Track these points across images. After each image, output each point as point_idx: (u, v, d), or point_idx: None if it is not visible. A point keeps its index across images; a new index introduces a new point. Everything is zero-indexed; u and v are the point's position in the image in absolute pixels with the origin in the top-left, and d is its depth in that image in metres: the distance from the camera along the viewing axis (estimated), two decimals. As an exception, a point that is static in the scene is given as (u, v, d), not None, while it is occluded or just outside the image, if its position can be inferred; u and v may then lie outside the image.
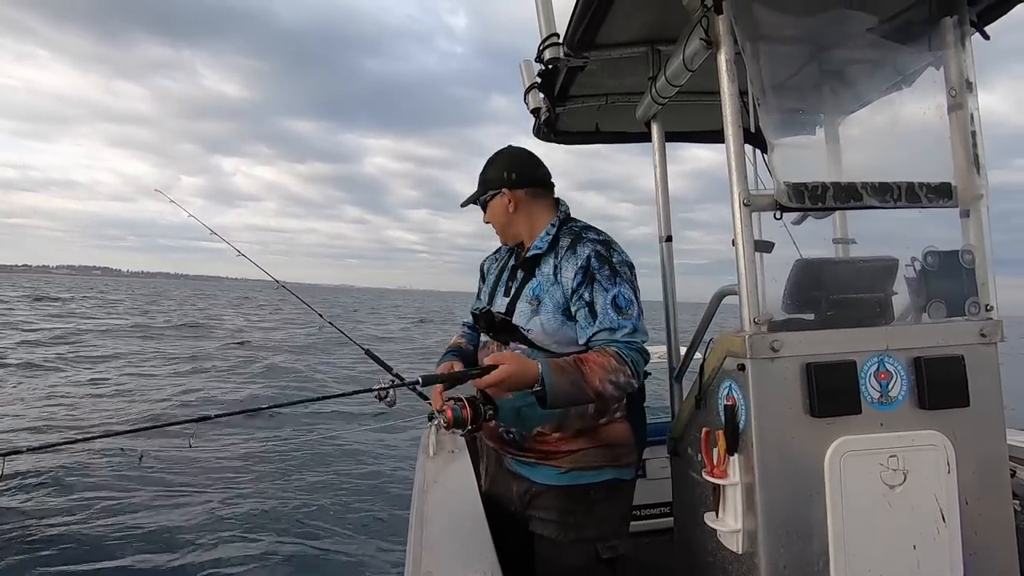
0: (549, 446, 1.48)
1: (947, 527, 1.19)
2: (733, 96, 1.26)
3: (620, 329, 1.39)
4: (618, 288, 1.42)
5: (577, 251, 1.48)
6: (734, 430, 1.23)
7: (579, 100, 2.10)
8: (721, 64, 1.27)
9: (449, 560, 1.22)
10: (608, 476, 1.49)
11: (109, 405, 7.74)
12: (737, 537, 1.22)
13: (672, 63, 1.54)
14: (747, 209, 1.24)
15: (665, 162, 1.91)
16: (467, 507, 1.56)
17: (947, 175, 1.32)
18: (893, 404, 1.22)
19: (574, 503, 1.47)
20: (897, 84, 1.54)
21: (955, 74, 1.33)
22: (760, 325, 1.22)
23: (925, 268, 1.32)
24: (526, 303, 1.51)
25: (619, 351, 1.36)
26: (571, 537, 1.46)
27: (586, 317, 1.42)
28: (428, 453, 2.05)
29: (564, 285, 1.45)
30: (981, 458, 1.23)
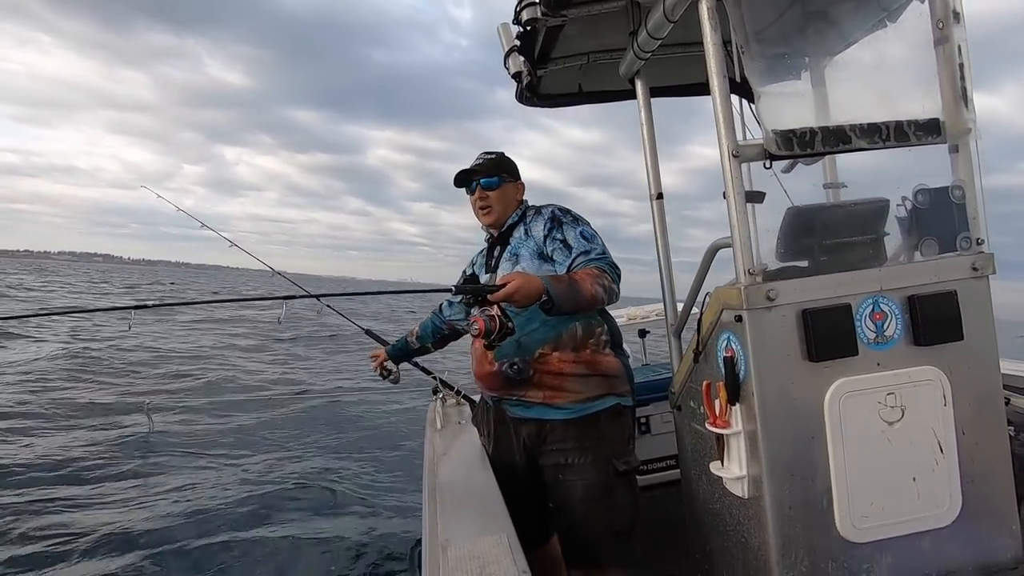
0: (552, 366, 1.64)
1: (945, 458, 1.22)
2: (717, 45, 1.24)
3: (592, 251, 1.64)
4: (582, 227, 1.70)
5: (541, 212, 1.78)
6: (734, 381, 1.25)
7: (560, 61, 2.06)
8: (703, 13, 1.24)
9: (465, 528, 1.25)
10: (611, 402, 1.66)
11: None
12: (743, 483, 1.26)
13: (653, 16, 1.51)
14: (736, 160, 1.23)
15: (651, 118, 1.88)
16: (478, 475, 1.59)
17: (935, 111, 1.31)
18: (889, 343, 1.24)
19: (587, 429, 1.63)
20: (882, 20, 1.51)
21: (941, 6, 1.31)
22: (755, 276, 1.23)
23: (916, 206, 1.33)
24: (506, 262, 1.75)
25: (598, 264, 1.59)
26: (589, 458, 1.62)
27: (562, 251, 1.66)
28: (435, 426, 2.08)
29: (536, 237, 1.72)
30: (976, 389, 1.26)
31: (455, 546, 1.16)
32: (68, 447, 5.03)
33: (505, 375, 1.68)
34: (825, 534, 1.20)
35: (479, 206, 1.82)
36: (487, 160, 1.84)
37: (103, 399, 6.80)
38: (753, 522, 1.26)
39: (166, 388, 7.83)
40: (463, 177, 1.83)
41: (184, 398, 7.32)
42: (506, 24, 1.83)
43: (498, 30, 1.90)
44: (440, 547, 1.16)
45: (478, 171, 1.81)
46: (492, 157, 1.86)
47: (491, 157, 1.85)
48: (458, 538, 1.19)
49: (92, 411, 6.26)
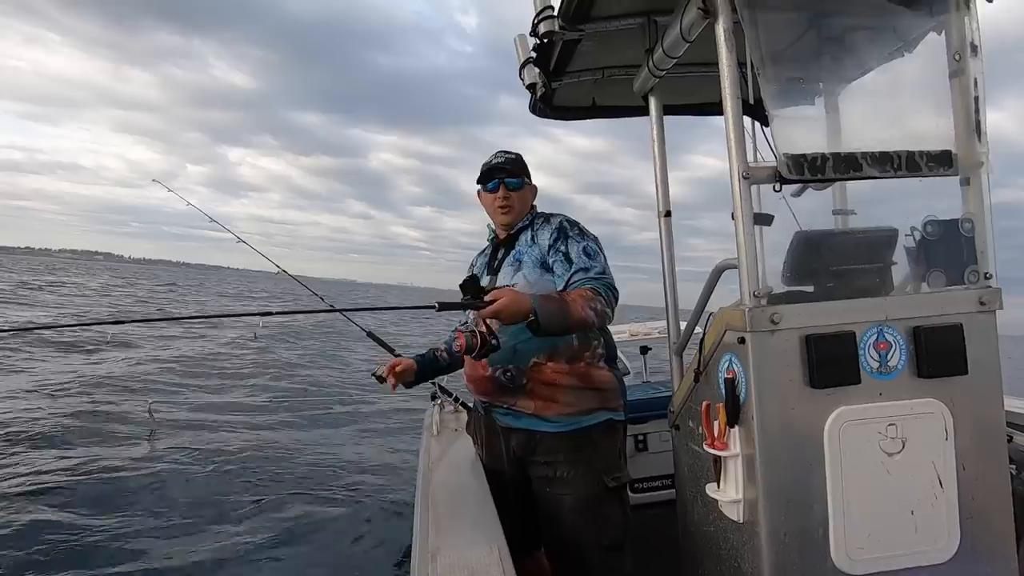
0: (545, 376, 1.63)
1: (944, 492, 1.21)
2: (731, 67, 1.24)
3: (592, 269, 1.63)
4: (587, 242, 1.70)
5: (550, 220, 1.78)
6: (734, 403, 1.24)
7: (575, 75, 2.06)
8: (719, 34, 1.25)
9: (456, 537, 1.24)
10: (604, 417, 1.66)
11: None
12: (738, 507, 1.25)
13: (669, 34, 1.51)
14: (746, 182, 1.23)
15: (663, 136, 1.88)
16: (472, 482, 1.58)
17: (948, 143, 1.31)
18: (892, 374, 1.23)
19: (579, 443, 1.63)
20: (898, 50, 1.51)
21: (958, 38, 1.31)
22: (760, 298, 1.22)
23: (925, 237, 1.32)
24: (509, 267, 1.75)
25: (593, 286, 1.58)
26: (579, 472, 1.61)
27: (562, 264, 1.67)
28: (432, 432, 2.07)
29: (541, 245, 1.72)
30: (978, 424, 1.24)
31: (445, 555, 1.15)
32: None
33: (497, 381, 1.68)
34: (820, 563, 1.18)
35: (499, 205, 1.80)
36: (509, 159, 1.82)
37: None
38: (747, 547, 1.25)
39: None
40: (490, 173, 1.81)
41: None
42: (523, 35, 1.85)
43: (515, 41, 1.92)
44: (430, 555, 1.15)
45: (505, 169, 1.80)
46: (513, 157, 1.84)
47: (512, 157, 1.84)
48: (448, 547, 1.19)
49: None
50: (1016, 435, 1.66)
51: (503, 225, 1.83)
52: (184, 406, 6.86)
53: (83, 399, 6.57)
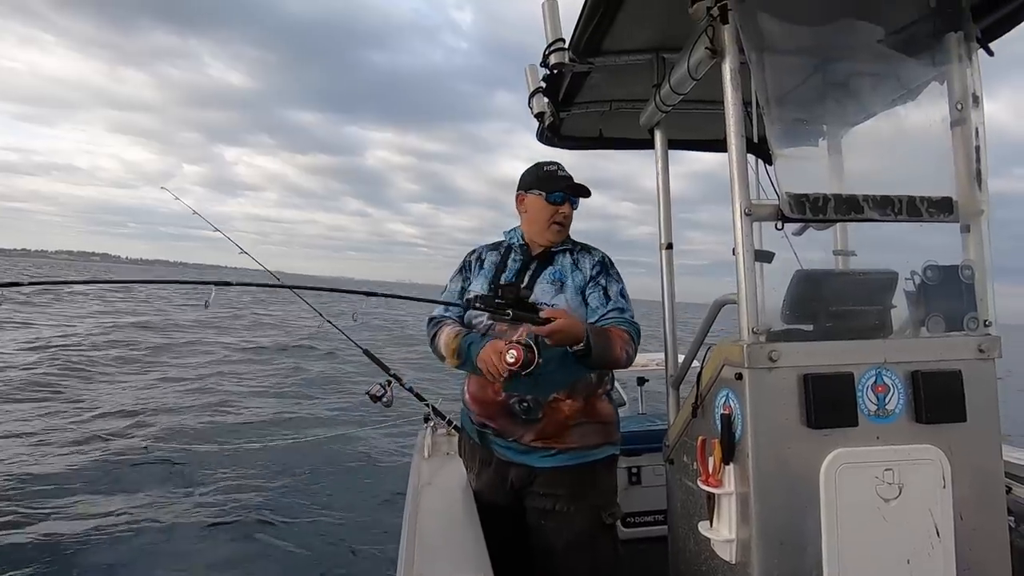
0: (560, 414, 1.60)
1: (941, 542, 1.18)
2: (737, 105, 1.26)
3: (626, 311, 1.66)
4: (623, 284, 1.72)
5: (591, 252, 1.78)
6: (730, 439, 1.22)
7: (583, 106, 2.10)
8: (725, 73, 1.27)
9: (441, 561, 1.22)
10: (608, 452, 1.66)
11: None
12: (731, 547, 1.22)
13: (677, 71, 1.54)
14: (748, 219, 1.24)
15: (667, 169, 1.91)
16: (461, 508, 1.56)
17: (949, 189, 1.33)
18: (890, 417, 1.22)
19: (582, 477, 1.61)
20: (902, 97, 1.54)
21: (959, 89, 1.34)
22: (758, 335, 1.22)
23: (925, 282, 1.32)
24: (547, 284, 1.69)
25: (628, 329, 1.60)
26: (579, 507, 1.59)
27: (600, 299, 1.66)
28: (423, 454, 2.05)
29: (583, 272, 1.71)
30: (977, 474, 1.23)
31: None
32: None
33: (510, 409, 1.62)
34: None
35: (556, 220, 1.73)
36: (570, 178, 1.76)
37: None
38: (739, 589, 1.22)
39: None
40: (556, 182, 1.73)
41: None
42: (534, 65, 1.89)
43: (525, 71, 1.96)
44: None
45: (571, 185, 1.73)
46: (568, 175, 1.77)
47: (568, 175, 1.77)
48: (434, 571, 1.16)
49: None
50: (1015, 486, 1.63)
51: (548, 241, 1.75)
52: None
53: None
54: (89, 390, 7.83)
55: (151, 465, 5.11)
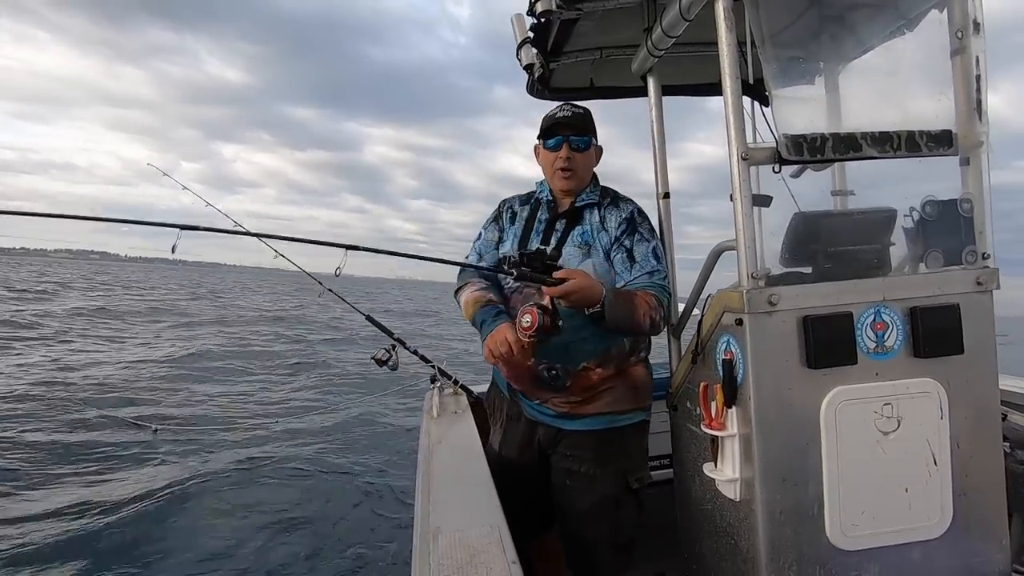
0: (590, 381, 1.54)
1: (938, 470, 1.22)
2: (731, 46, 1.22)
3: (657, 273, 1.52)
4: (655, 241, 1.58)
5: (620, 206, 1.62)
6: (732, 384, 1.25)
7: (573, 55, 2.04)
8: (719, 12, 1.23)
9: (457, 516, 1.26)
10: (638, 417, 1.61)
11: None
12: (735, 486, 1.26)
13: (668, 13, 1.49)
14: (745, 163, 1.22)
15: (662, 116, 1.87)
16: (472, 465, 1.60)
17: (948, 122, 1.30)
18: (889, 354, 1.23)
19: (609, 441, 1.57)
20: (900, 28, 1.50)
21: (960, 15, 1.29)
22: (758, 280, 1.22)
23: (923, 218, 1.32)
24: (575, 247, 1.58)
25: (657, 294, 1.48)
26: (605, 471, 1.56)
27: (624, 262, 1.54)
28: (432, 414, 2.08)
29: (609, 232, 1.58)
30: (973, 403, 1.26)
31: (445, 534, 1.16)
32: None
33: (538, 376, 1.57)
34: (815, 540, 1.20)
35: (560, 167, 1.59)
36: (577, 114, 1.61)
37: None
38: (744, 525, 1.27)
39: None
40: (553, 129, 1.60)
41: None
42: (520, 15, 1.82)
43: (511, 20, 1.89)
44: (431, 535, 1.17)
45: (570, 124, 1.59)
46: (581, 112, 1.62)
47: (580, 112, 1.62)
48: (449, 526, 1.20)
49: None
50: (1011, 413, 1.67)
51: (562, 191, 1.64)
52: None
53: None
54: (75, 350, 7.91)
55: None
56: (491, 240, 1.75)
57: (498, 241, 1.73)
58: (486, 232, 1.76)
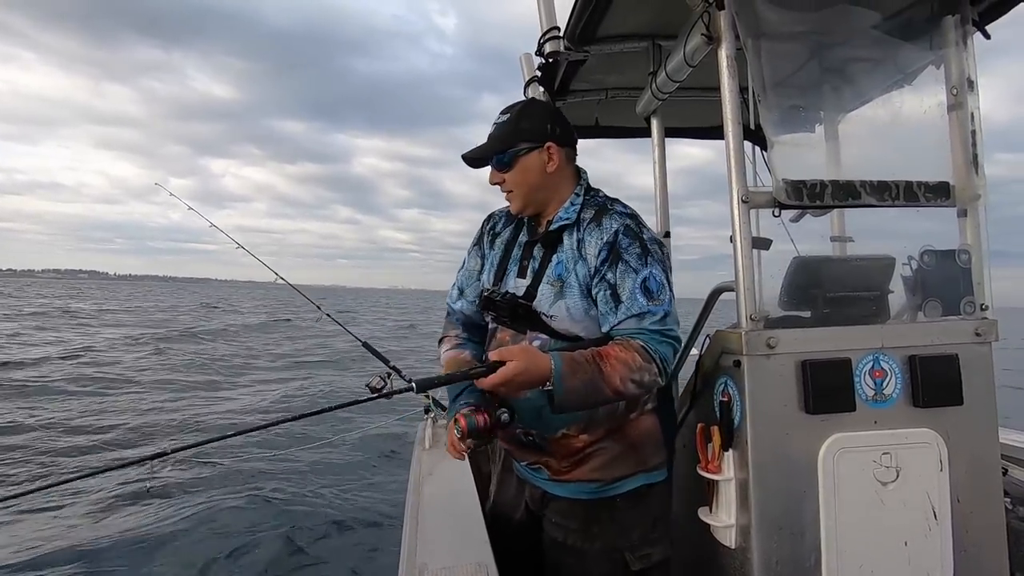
0: (574, 447, 1.30)
1: (939, 525, 1.20)
2: (733, 92, 1.26)
3: (649, 315, 1.18)
4: (649, 269, 1.21)
5: (603, 224, 1.26)
6: (729, 426, 1.23)
7: (579, 94, 2.09)
8: (722, 60, 1.26)
9: (443, 551, 1.23)
10: (636, 484, 1.30)
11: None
12: (730, 532, 1.23)
13: (673, 58, 1.54)
14: (745, 206, 1.24)
15: (664, 158, 1.90)
16: (462, 499, 1.56)
17: (946, 174, 1.33)
18: (887, 402, 1.22)
19: (597, 513, 1.31)
20: (898, 82, 1.54)
21: (956, 73, 1.33)
22: (756, 322, 1.22)
23: (922, 267, 1.33)
24: (548, 284, 1.28)
25: (645, 344, 1.16)
26: (596, 546, 1.30)
27: (607, 302, 1.21)
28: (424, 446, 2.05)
29: (588, 260, 1.25)
30: (973, 456, 1.24)
31: (432, 571, 1.13)
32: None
33: (517, 438, 1.35)
34: None
35: (502, 191, 1.35)
36: (498, 127, 1.33)
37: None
38: (739, 573, 1.23)
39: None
40: (470, 161, 1.35)
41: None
42: (528, 54, 1.87)
43: (520, 60, 1.94)
44: (417, 570, 1.14)
45: (477, 152, 1.33)
46: (503, 121, 1.32)
47: (502, 121, 1.32)
48: (436, 563, 1.17)
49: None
50: (1012, 468, 1.65)
51: (518, 214, 1.37)
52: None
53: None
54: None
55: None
56: (473, 269, 1.49)
57: (480, 269, 1.48)
58: (468, 259, 1.52)
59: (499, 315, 1.34)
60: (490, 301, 1.35)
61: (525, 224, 1.40)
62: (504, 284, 1.38)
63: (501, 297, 1.34)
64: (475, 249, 1.51)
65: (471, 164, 1.35)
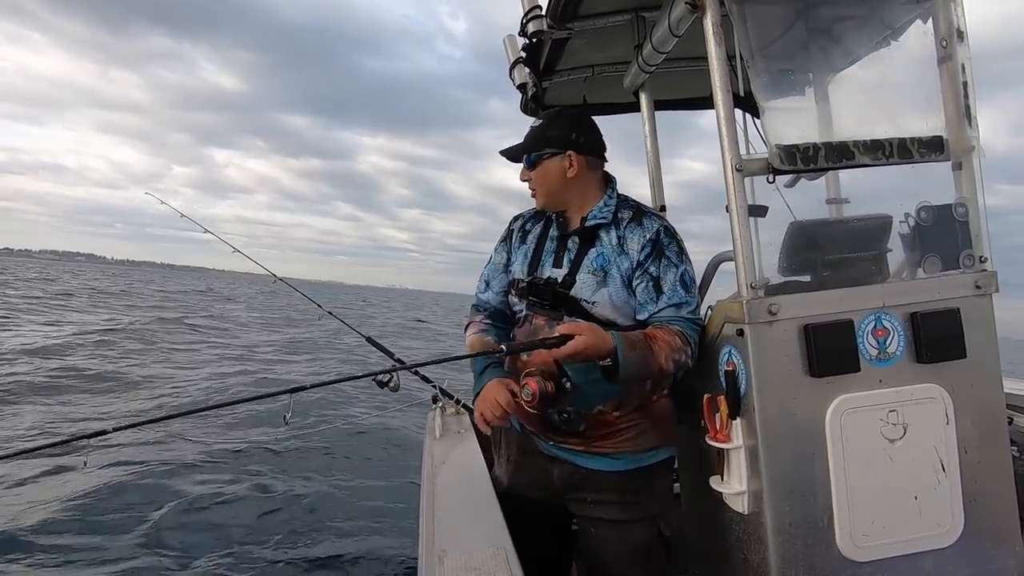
0: (604, 427, 1.41)
1: (947, 477, 1.21)
2: (721, 60, 1.24)
3: (686, 306, 1.36)
4: (685, 266, 1.39)
5: (644, 224, 1.41)
6: (735, 395, 1.24)
7: (565, 73, 2.07)
8: (707, 28, 1.25)
9: (463, 538, 1.24)
10: (664, 455, 1.45)
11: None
12: (743, 499, 1.25)
13: (658, 30, 1.52)
14: (739, 174, 1.24)
15: (655, 131, 1.89)
16: (477, 486, 1.58)
17: (938, 128, 1.32)
18: (891, 360, 1.23)
19: (636, 483, 1.41)
20: (886, 39, 1.52)
21: (945, 24, 1.32)
22: (757, 290, 1.23)
23: (919, 223, 1.33)
24: (589, 274, 1.41)
25: (683, 329, 1.33)
26: (636, 516, 1.41)
27: (648, 291, 1.37)
28: (435, 435, 2.07)
29: (631, 255, 1.39)
30: (979, 408, 1.25)
31: (452, 557, 1.14)
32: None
33: (547, 419, 1.43)
34: (826, 552, 1.18)
35: (529, 187, 1.52)
36: (531, 131, 1.52)
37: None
38: (753, 539, 1.25)
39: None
40: (505, 154, 1.53)
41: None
42: (512, 36, 1.85)
43: (504, 41, 1.92)
44: (436, 557, 1.15)
45: (524, 142, 1.51)
46: (536, 126, 1.52)
47: (535, 126, 1.52)
48: (455, 549, 1.18)
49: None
50: (1017, 417, 1.66)
51: (542, 208, 1.53)
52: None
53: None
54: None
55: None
56: (499, 264, 1.62)
57: (506, 264, 1.60)
58: (495, 255, 1.65)
59: (540, 300, 1.43)
60: (532, 286, 1.44)
61: (555, 222, 1.53)
62: (540, 273, 1.49)
63: (544, 281, 1.45)
64: (502, 245, 1.64)
65: (508, 157, 1.52)
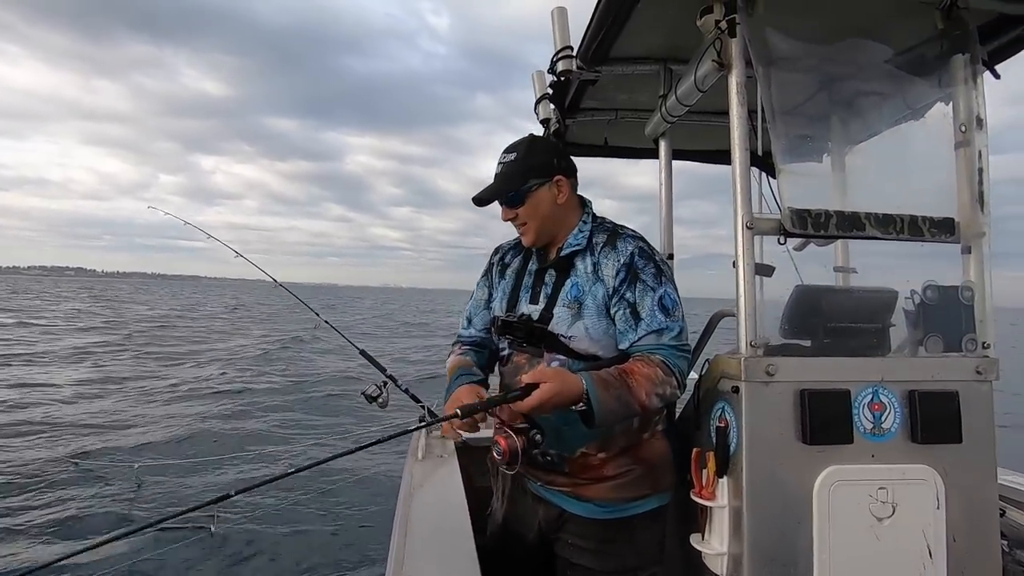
0: (591, 470, 1.35)
1: (934, 564, 1.18)
2: (742, 118, 1.26)
3: (667, 332, 1.27)
4: (664, 288, 1.30)
5: (618, 247, 1.35)
6: (725, 452, 1.22)
7: (589, 113, 2.11)
8: (732, 86, 1.27)
9: (430, 566, 1.21)
10: (654, 504, 1.36)
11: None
12: (722, 560, 1.21)
13: (683, 82, 1.55)
14: (750, 232, 1.24)
15: (671, 180, 1.91)
16: (452, 513, 1.55)
17: (950, 210, 1.33)
18: (885, 436, 1.21)
19: (615, 533, 1.35)
20: (906, 117, 1.55)
21: (964, 111, 1.34)
22: (756, 348, 1.22)
23: (924, 302, 1.32)
24: (564, 307, 1.35)
25: (665, 359, 1.24)
26: (612, 568, 1.34)
27: (627, 319, 1.29)
28: (416, 456, 2.04)
29: (605, 282, 1.32)
30: (971, 496, 1.22)
31: None
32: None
33: (534, 459, 1.36)
34: None
35: (514, 225, 1.43)
36: (506, 166, 1.39)
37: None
38: (729, 603, 1.21)
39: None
40: (480, 201, 1.40)
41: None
42: (541, 72, 1.89)
43: (532, 77, 1.96)
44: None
45: (488, 193, 1.39)
46: (511, 160, 1.39)
47: (509, 160, 1.39)
48: None
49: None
50: (1009, 510, 1.63)
51: (532, 245, 1.44)
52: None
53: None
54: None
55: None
56: (480, 300, 1.58)
57: (487, 299, 1.57)
58: (477, 290, 1.60)
59: (516, 337, 1.40)
60: (507, 324, 1.41)
61: (534, 254, 1.48)
62: (517, 310, 1.44)
63: (518, 319, 1.41)
64: (483, 280, 1.60)
65: (485, 202, 1.40)
